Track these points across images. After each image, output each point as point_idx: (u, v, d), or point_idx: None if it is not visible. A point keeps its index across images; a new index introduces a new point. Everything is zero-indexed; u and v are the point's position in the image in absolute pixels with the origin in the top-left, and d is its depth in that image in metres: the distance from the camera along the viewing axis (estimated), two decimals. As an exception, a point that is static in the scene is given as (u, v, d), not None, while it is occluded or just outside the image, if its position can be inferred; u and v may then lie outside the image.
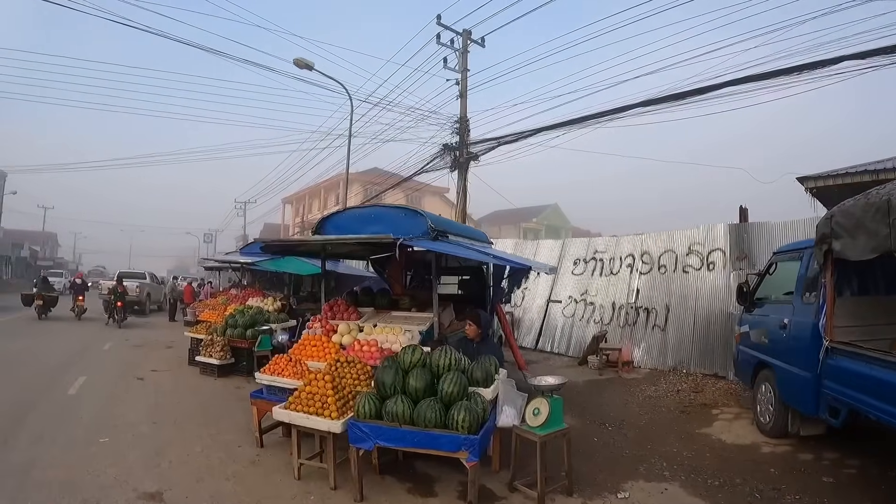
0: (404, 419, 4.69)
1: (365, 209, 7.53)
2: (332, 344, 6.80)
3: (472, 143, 20.14)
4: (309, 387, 5.23)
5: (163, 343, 14.61)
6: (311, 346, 6.80)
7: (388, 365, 5.13)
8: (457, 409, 4.61)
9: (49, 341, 14.00)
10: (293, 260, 13.53)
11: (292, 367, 6.22)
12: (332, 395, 5.08)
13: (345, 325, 7.20)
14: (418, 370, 5.01)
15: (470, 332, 6.10)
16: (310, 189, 46.09)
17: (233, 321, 10.91)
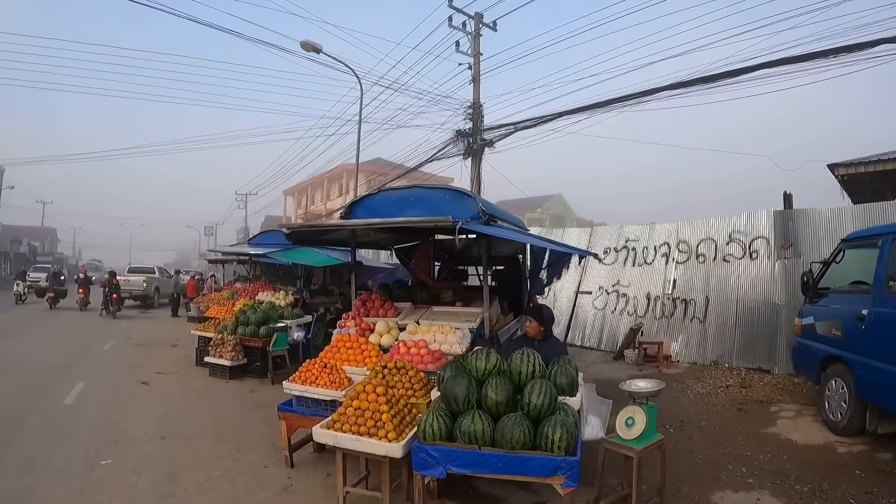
0: (484, 440, 3.77)
1: (401, 191, 6.57)
2: (370, 345, 5.87)
3: (486, 129, 19.42)
4: (357, 401, 4.28)
5: (167, 341, 13.67)
6: (346, 349, 5.87)
7: (456, 373, 4.22)
8: (550, 425, 3.72)
9: (48, 339, 13.09)
10: (306, 250, 12.58)
11: (328, 375, 5.27)
12: (387, 410, 4.15)
13: (383, 324, 6.27)
14: (497, 379, 4.07)
15: (531, 329, 5.33)
16: (312, 180, 45.09)
17: (244, 318, 9.97)
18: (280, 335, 9.37)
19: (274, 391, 8.61)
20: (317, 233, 6.62)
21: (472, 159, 19.40)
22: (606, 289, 12.74)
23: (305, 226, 5.93)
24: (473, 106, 19.55)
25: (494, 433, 3.79)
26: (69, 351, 11.65)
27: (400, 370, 4.95)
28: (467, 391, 4.03)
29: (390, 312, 6.75)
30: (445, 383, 4.17)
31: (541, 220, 46.12)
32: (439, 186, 6.42)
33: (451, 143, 20.11)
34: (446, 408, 4.05)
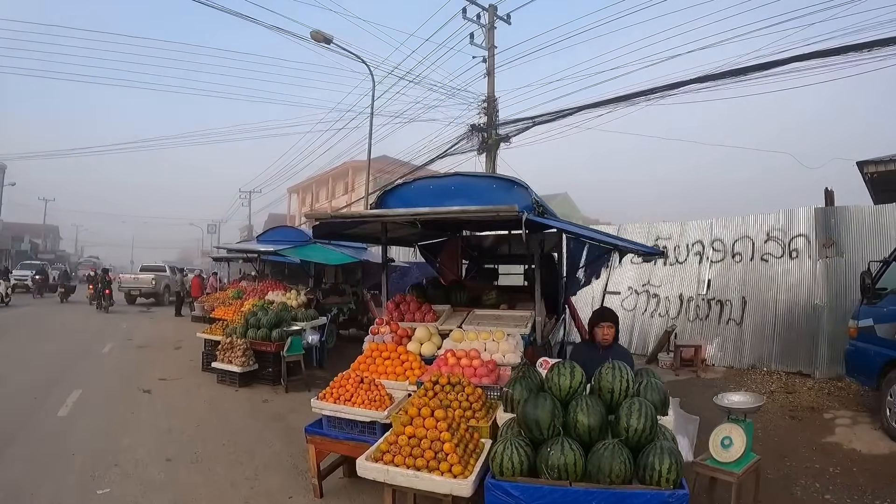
0: (576, 474, 3.02)
1: (440, 179, 5.82)
2: (411, 356, 5.08)
3: (502, 124, 18.83)
4: (411, 427, 3.51)
5: (170, 342, 12.89)
6: (382, 360, 5.08)
7: (535, 393, 3.46)
8: (655, 454, 3.02)
9: (46, 339, 12.30)
10: (319, 247, 11.82)
11: (365, 391, 4.48)
12: (448, 439, 3.37)
13: (424, 330, 5.48)
14: (587, 400, 3.31)
15: (608, 336, 4.64)
16: (317, 178, 44.32)
17: (254, 320, 9.18)
18: (295, 339, 8.59)
19: (289, 400, 7.88)
20: (347, 225, 5.82)
21: (487, 155, 18.83)
22: (636, 289, 12.15)
23: (339, 216, 5.13)
24: (488, 100, 19.04)
25: (588, 465, 3.07)
26: (67, 353, 10.88)
27: (455, 386, 4.16)
28: (552, 415, 3.28)
29: (429, 317, 5.99)
30: (525, 406, 3.40)
31: None
32: (484, 175, 5.67)
33: (464, 138, 19.54)
34: (526, 435, 3.28)
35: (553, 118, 16.86)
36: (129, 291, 24.46)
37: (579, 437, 3.21)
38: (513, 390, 3.76)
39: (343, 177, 43.09)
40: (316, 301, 11.16)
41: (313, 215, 5.16)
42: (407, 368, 4.95)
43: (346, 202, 40.59)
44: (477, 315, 6.05)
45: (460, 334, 5.34)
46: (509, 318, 5.90)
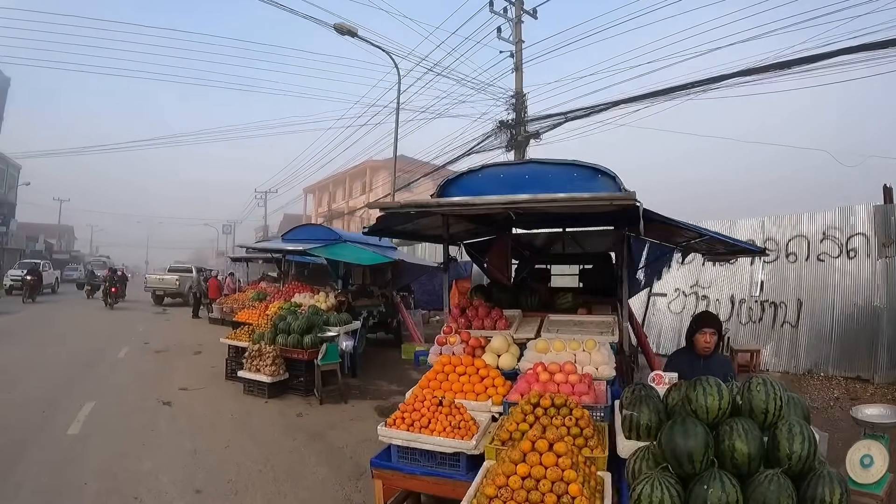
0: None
1: (512, 167, 4.99)
2: (492, 371, 4.24)
3: (532, 120, 18.11)
4: (523, 465, 2.64)
5: (189, 347, 12.10)
6: (457, 376, 4.22)
7: (681, 418, 2.74)
8: (822, 482, 2.48)
9: (59, 342, 11.54)
10: (350, 247, 11.01)
11: (445, 415, 3.61)
12: (574, 478, 2.53)
13: (502, 339, 4.62)
14: (742, 424, 2.65)
15: (711, 344, 4.09)
16: (334, 177, 43.63)
17: (284, 325, 8.35)
18: (330, 346, 7.75)
19: (325, 414, 7.06)
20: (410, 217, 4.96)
21: (516, 152, 18.02)
22: (684, 290, 11.51)
23: (410, 205, 4.25)
24: (516, 95, 18.47)
25: (749, 501, 2.46)
26: (79, 359, 10.10)
27: (560, 409, 3.31)
28: (706, 444, 2.61)
29: (501, 323, 5.14)
30: (672, 434, 2.66)
31: None
32: (562, 161, 4.83)
33: (491, 135, 18.88)
34: (673, 469, 2.49)
35: (587, 113, 16.33)
36: (155, 291, 24.46)
37: (736, 468, 2.58)
38: (639, 413, 3.08)
39: (361, 176, 42.41)
40: (347, 304, 10.32)
41: (377, 205, 4.29)
42: (488, 385, 4.10)
43: (363, 202, 39.89)
44: (553, 321, 5.24)
45: (545, 344, 4.48)
46: (590, 323, 5.15)
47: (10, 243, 41.02)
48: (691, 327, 4.19)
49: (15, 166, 46.30)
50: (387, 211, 4.18)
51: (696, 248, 6.87)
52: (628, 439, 3.10)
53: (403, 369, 10.22)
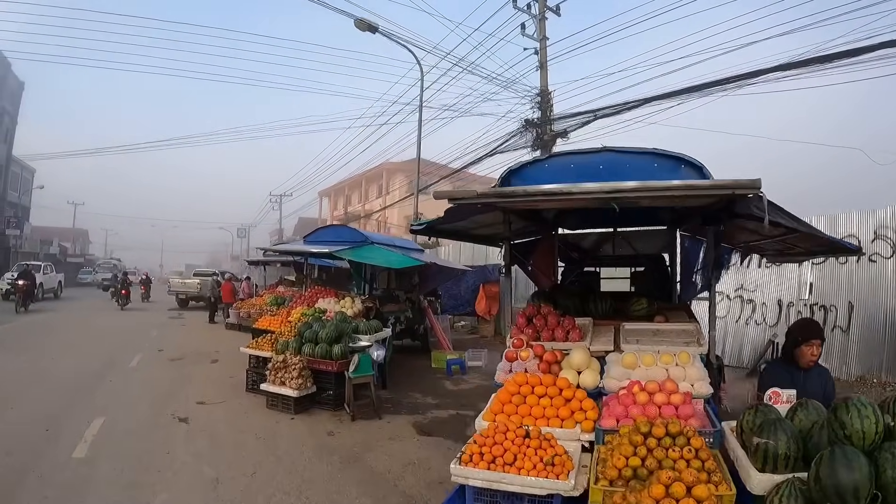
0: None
1: (585, 156, 4.24)
2: (578, 392, 3.50)
3: (559, 118, 17.36)
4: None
5: (205, 354, 11.43)
6: (536, 398, 3.49)
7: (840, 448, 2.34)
8: None
9: (69, 350, 10.92)
10: (377, 249, 10.30)
11: (535, 449, 2.88)
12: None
13: (582, 353, 3.88)
14: None
15: (816, 356, 3.76)
16: (350, 181, 43.08)
17: (310, 334, 7.64)
18: (363, 357, 7.03)
19: (359, 431, 6.35)
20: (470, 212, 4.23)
21: (542, 152, 17.48)
22: (728, 294, 11.00)
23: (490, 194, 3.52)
24: (541, 93, 17.76)
25: None
26: (89, 368, 9.44)
27: (676, 438, 2.60)
28: (870, 476, 2.24)
29: (575, 334, 4.38)
30: (831, 465, 2.27)
31: None
32: (641, 150, 4.11)
33: (516, 134, 18.25)
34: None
35: (617, 111, 15.73)
36: (178, 295, 24.77)
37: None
38: (776, 441, 2.56)
39: (377, 179, 41.81)
40: (376, 310, 9.60)
41: (446, 194, 3.54)
42: (575, 409, 3.38)
43: (380, 205, 39.30)
44: (629, 330, 4.50)
45: (633, 358, 3.77)
46: (670, 332, 4.43)
47: (23, 246, 40.72)
48: (794, 338, 3.81)
49: (29, 170, 46.18)
50: (458, 202, 3.44)
51: (765, 248, 6.20)
52: (761, 472, 2.55)
53: (435, 379, 9.51)
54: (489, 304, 15.18)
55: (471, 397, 8.16)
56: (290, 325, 8.86)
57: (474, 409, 7.44)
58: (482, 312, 15.23)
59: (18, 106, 41.71)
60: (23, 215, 43.63)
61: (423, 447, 5.96)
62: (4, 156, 39.46)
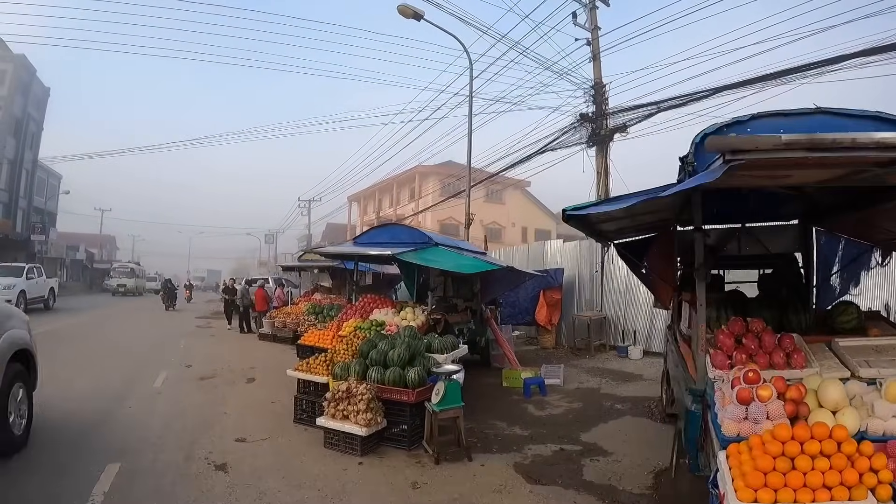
0: None
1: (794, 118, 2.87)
2: (865, 447, 2.01)
3: (618, 111, 15.98)
4: None
5: (239, 371, 9.95)
6: (808, 458, 1.93)
7: None
8: None
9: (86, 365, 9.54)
10: (445, 252, 8.79)
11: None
12: None
13: (836, 388, 2.63)
14: None
15: None
16: (380, 185, 41.72)
17: (377, 354, 6.10)
18: (450, 385, 5.45)
19: (449, 480, 4.88)
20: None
21: (598, 148, 15.79)
22: None
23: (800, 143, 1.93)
24: (595, 86, 16.25)
25: None
26: (108, 388, 8.01)
27: None
28: None
29: (798, 358, 2.83)
30: None
31: None
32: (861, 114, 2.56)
33: (569, 130, 16.78)
34: None
35: (684, 102, 13.77)
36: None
37: None
38: None
39: (409, 183, 40.45)
40: (444, 322, 8.04)
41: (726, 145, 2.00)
42: (863, 471, 1.84)
43: (412, 210, 37.90)
44: (848, 347, 3.58)
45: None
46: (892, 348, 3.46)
47: (49, 252, 40.12)
48: None
49: (56, 175, 45.85)
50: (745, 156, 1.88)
51: None
52: None
53: (512, 402, 7.98)
54: (550, 312, 13.57)
55: (566, 426, 6.71)
56: (343, 341, 7.33)
57: (577, 443, 5.98)
58: (543, 322, 13.61)
59: (44, 112, 41.28)
60: (49, 221, 43.15)
61: (541, 502, 4.40)
62: (31, 161, 38.95)
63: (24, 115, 36.75)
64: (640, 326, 12.30)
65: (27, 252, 37.17)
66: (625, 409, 7.43)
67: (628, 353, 11.84)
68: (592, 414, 7.23)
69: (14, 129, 35.72)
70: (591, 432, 6.38)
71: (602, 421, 6.87)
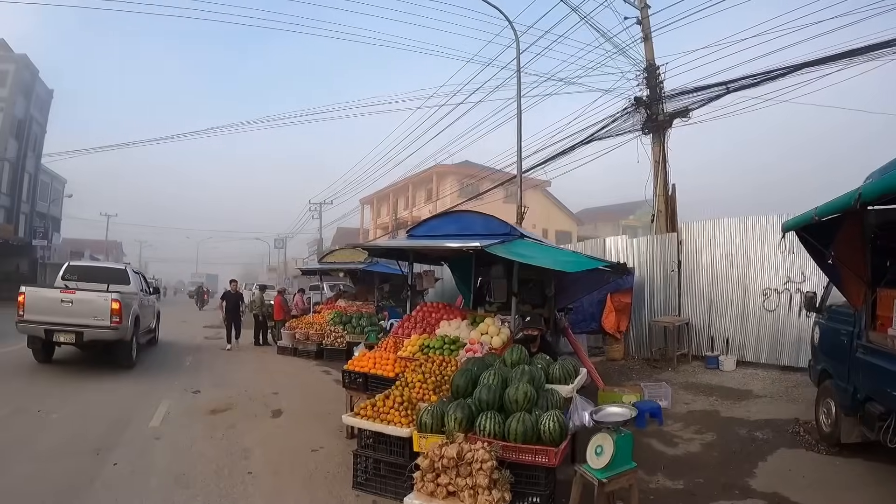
0: None
1: None
2: None
3: (678, 94, 14.09)
4: None
5: (261, 399, 7.86)
6: None
7: None
8: None
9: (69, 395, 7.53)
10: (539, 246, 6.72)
11: None
12: None
13: None
14: None
15: None
16: (394, 187, 39.71)
17: (487, 394, 3.98)
18: (621, 440, 3.33)
19: None
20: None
21: (654, 136, 14.01)
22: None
23: None
24: (648, 68, 14.12)
25: None
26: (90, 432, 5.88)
27: None
28: None
29: None
30: None
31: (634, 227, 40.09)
32: None
33: (618, 117, 14.54)
34: None
35: (757, 81, 12.03)
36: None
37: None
38: None
39: (426, 184, 38.42)
40: (541, 339, 5.92)
41: None
42: None
43: (429, 212, 35.89)
44: None
45: None
46: None
47: (52, 258, 38.37)
48: None
49: (60, 180, 44.55)
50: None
51: None
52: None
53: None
54: (618, 318, 11.43)
55: (720, 469, 5.10)
56: (411, 367, 5.24)
57: (756, 495, 4.45)
58: (611, 329, 11.47)
59: (47, 114, 39.77)
60: (52, 226, 41.50)
61: None
62: (33, 165, 37.30)
63: (26, 116, 35.25)
64: (732, 332, 10.28)
65: (29, 258, 35.53)
66: (771, 440, 5.91)
67: (720, 363, 9.88)
68: (738, 449, 5.65)
69: (16, 131, 34.08)
70: (758, 477, 4.86)
71: (758, 458, 5.33)
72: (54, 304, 8.83)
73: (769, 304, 9.68)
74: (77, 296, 9.00)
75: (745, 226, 10.26)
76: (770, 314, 9.61)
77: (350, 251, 15.36)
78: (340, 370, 9.75)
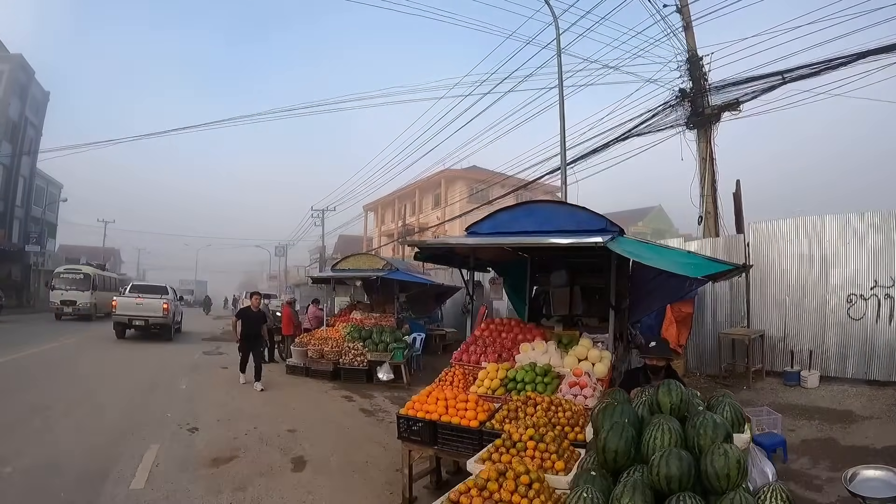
0: None
1: None
2: None
3: (728, 85, 12.46)
4: None
5: (275, 440, 6.30)
6: None
7: None
8: None
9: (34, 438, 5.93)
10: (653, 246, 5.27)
11: None
12: None
13: None
14: None
15: None
16: (399, 192, 38.33)
17: (676, 465, 2.44)
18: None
19: None
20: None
21: (699, 132, 12.96)
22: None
23: None
24: (690, 59, 13.01)
25: None
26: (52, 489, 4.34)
27: None
28: None
29: None
30: None
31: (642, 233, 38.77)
32: None
33: (659, 112, 13.37)
34: None
35: (816, 70, 10.91)
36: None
37: None
38: None
39: (433, 189, 37.03)
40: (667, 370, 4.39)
41: None
42: None
43: (437, 218, 34.49)
44: None
45: None
46: None
47: (47, 264, 36.91)
48: None
49: (56, 184, 43.34)
50: None
51: None
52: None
53: None
54: (679, 330, 9.93)
55: None
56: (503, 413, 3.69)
57: None
58: (672, 342, 9.93)
59: (43, 117, 38.46)
60: (47, 231, 40.11)
61: None
62: (28, 168, 35.87)
63: (21, 118, 33.99)
64: (812, 344, 8.99)
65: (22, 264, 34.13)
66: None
67: (801, 379, 8.71)
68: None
69: (10, 133, 32.69)
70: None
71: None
72: (132, 304, 16.46)
73: (855, 311, 8.52)
74: (143, 301, 16.65)
75: (824, 224, 9.04)
76: (856, 323, 8.46)
77: (366, 257, 13.77)
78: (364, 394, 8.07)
